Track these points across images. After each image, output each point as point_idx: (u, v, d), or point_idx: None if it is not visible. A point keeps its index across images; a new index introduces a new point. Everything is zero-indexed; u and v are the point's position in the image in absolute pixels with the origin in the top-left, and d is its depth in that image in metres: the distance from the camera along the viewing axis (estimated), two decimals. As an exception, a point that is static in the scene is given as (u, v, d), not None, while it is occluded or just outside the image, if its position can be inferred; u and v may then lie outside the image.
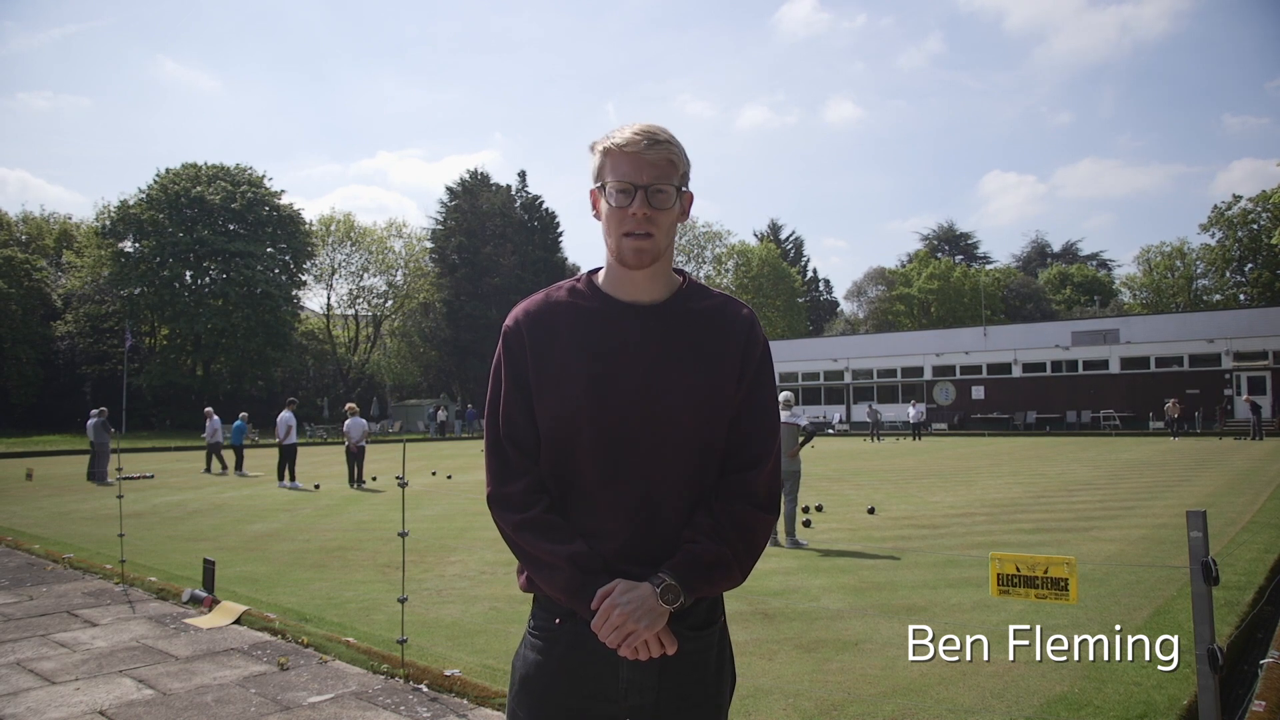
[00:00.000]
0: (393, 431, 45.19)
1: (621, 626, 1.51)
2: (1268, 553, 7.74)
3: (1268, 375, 35.50)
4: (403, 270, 58.34)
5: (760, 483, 1.63)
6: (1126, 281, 70.86)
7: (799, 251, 79.53)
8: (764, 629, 5.60)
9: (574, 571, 1.56)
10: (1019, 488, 14.41)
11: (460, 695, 4.40)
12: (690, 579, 1.55)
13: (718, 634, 1.68)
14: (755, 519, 1.62)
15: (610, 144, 1.63)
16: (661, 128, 1.64)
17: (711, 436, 1.63)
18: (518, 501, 1.63)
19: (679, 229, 1.73)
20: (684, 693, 1.61)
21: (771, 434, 1.68)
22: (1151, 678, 4.46)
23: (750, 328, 1.68)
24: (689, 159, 1.68)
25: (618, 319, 1.65)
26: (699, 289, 1.72)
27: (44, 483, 17.94)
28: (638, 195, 1.59)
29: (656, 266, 1.65)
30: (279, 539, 9.96)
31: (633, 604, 1.52)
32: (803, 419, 9.44)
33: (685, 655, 1.60)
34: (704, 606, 1.64)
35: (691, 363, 1.63)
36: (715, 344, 1.65)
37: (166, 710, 4.26)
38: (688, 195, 1.69)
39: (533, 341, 1.65)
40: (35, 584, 7.45)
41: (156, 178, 47.44)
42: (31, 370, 44.12)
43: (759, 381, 1.67)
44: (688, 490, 1.62)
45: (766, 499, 1.64)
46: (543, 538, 1.60)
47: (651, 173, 1.60)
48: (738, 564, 1.60)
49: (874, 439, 34.81)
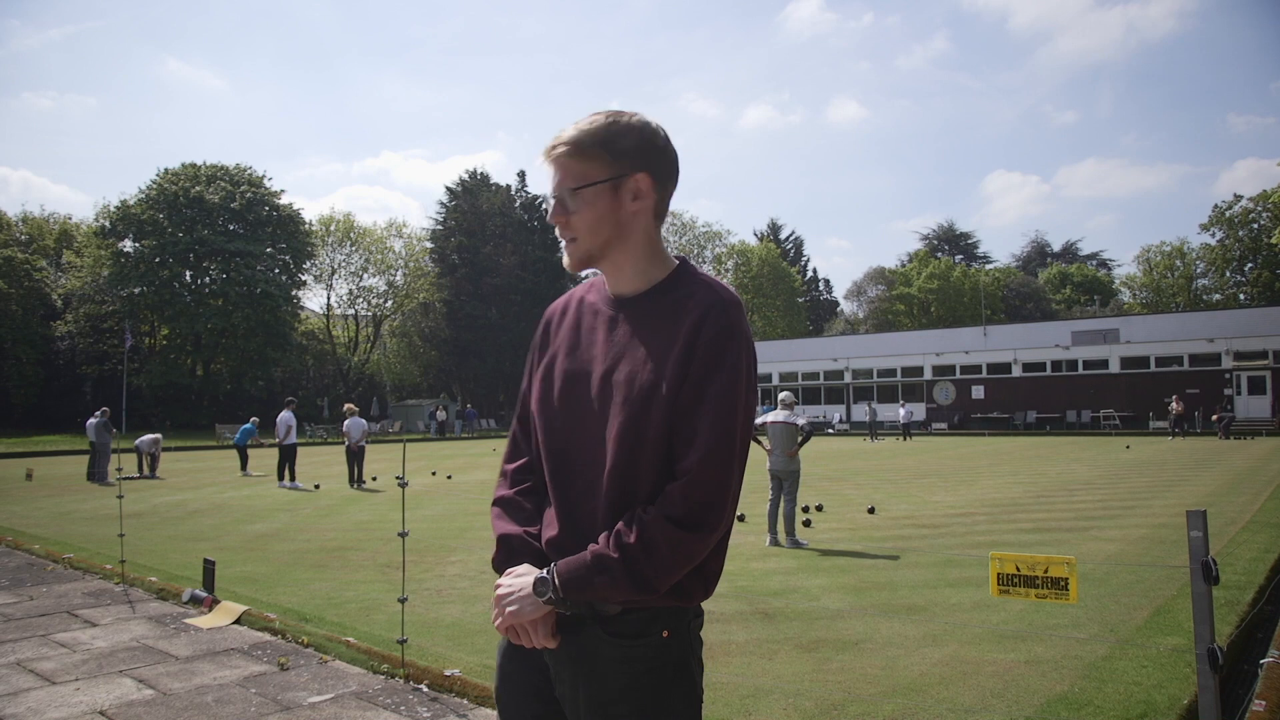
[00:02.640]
0: (393, 431, 45.17)
1: (496, 607, 1.56)
2: (1268, 552, 7.74)
3: (1268, 375, 35.51)
4: (402, 270, 58.36)
5: (678, 493, 1.47)
6: (1126, 281, 70.93)
7: (799, 251, 79.57)
8: (764, 629, 5.60)
9: (500, 550, 1.64)
10: (1019, 488, 14.41)
11: (460, 695, 4.39)
12: (568, 577, 1.50)
13: (653, 649, 1.55)
14: (661, 532, 1.46)
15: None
16: (574, 124, 1.58)
17: (640, 434, 1.51)
18: (507, 479, 1.72)
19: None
20: (609, 699, 1.54)
21: (706, 441, 1.47)
22: (1151, 677, 4.46)
23: (705, 313, 1.51)
24: (614, 138, 1.55)
25: (602, 314, 1.66)
26: (682, 279, 1.61)
27: (44, 483, 17.94)
28: (554, 205, 1.59)
29: (615, 260, 1.61)
30: (279, 539, 9.96)
31: (512, 587, 1.55)
32: (802, 419, 9.45)
33: (605, 659, 1.54)
34: (637, 617, 1.53)
35: (640, 355, 1.55)
36: (665, 333, 1.54)
37: (166, 710, 4.26)
38: (631, 180, 1.56)
39: (547, 334, 1.74)
40: (35, 584, 7.45)
41: (156, 177, 47.53)
42: (31, 370, 44.15)
43: (706, 377, 1.49)
44: (616, 488, 1.52)
45: (684, 512, 1.46)
46: (500, 516, 1.68)
47: (558, 178, 1.59)
48: (628, 574, 1.46)
49: (873, 439, 34.83)
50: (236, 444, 20.41)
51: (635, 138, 1.57)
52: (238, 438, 20.39)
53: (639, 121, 1.60)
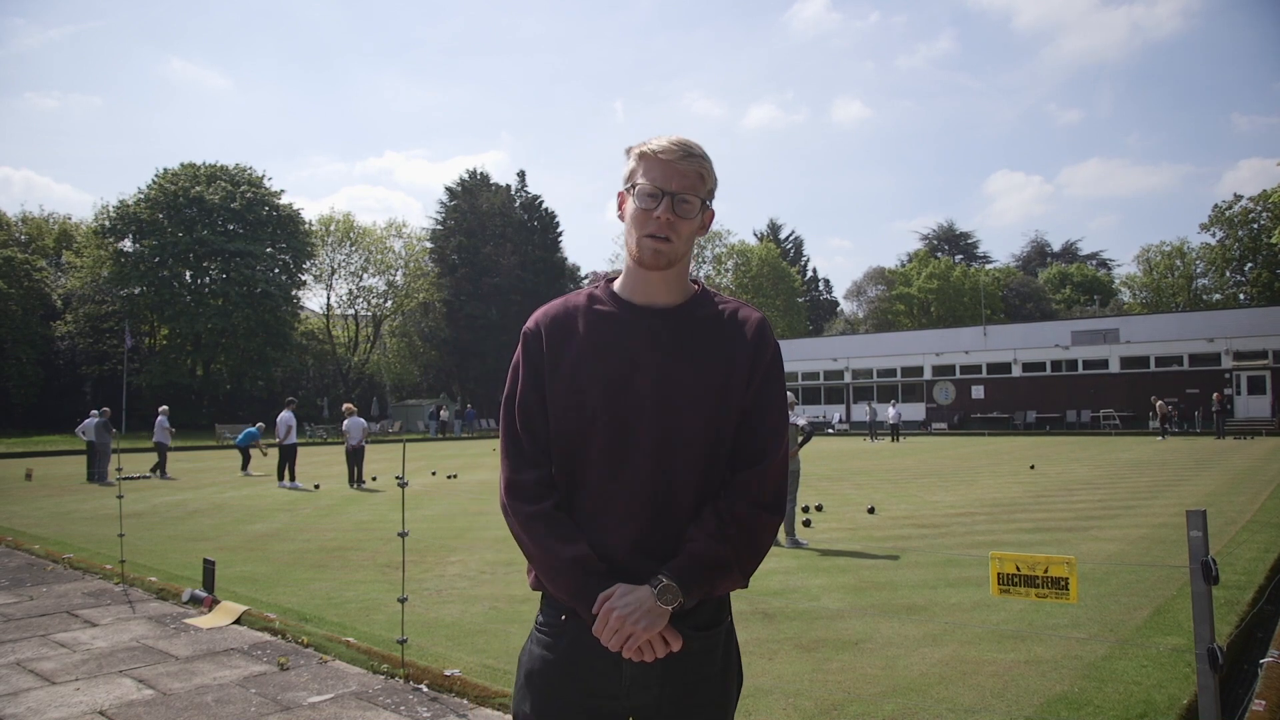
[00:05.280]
0: (393, 431, 45.17)
1: (620, 630, 1.53)
2: (1268, 552, 7.74)
3: (1268, 375, 35.51)
4: (402, 270, 58.33)
5: (765, 481, 1.64)
6: (1126, 281, 70.91)
7: (799, 251, 79.58)
8: (764, 629, 5.60)
9: (576, 573, 1.59)
10: (1019, 488, 14.41)
11: (460, 695, 4.39)
12: (689, 580, 1.56)
13: (724, 635, 1.68)
14: (758, 519, 1.62)
15: (646, 149, 1.68)
16: (696, 143, 1.69)
17: (719, 435, 1.65)
18: (530, 491, 1.66)
19: (697, 243, 1.77)
20: (687, 692, 1.62)
21: (778, 433, 1.68)
22: (1151, 677, 4.46)
23: (761, 330, 1.71)
24: (717, 178, 1.73)
25: (632, 322, 1.69)
26: (712, 295, 1.76)
27: (44, 483, 17.94)
28: (664, 200, 1.64)
29: (672, 272, 1.70)
30: (279, 539, 9.96)
31: (630, 606, 1.53)
32: (801, 419, 9.44)
33: (689, 655, 1.61)
34: (710, 606, 1.65)
35: (702, 364, 1.66)
36: (726, 345, 1.68)
37: (166, 710, 4.26)
38: (709, 212, 1.73)
39: (550, 342, 1.70)
40: (35, 584, 7.45)
41: (155, 178, 47.48)
42: (31, 370, 44.12)
43: (768, 381, 1.69)
44: (695, 488, 1.64)
45: (772, 498, 1.65)
46: (550, 534, 1.62)
47: (680, 181, 1.65)
48: (738, 565, 1.61)
49: (873, 439, 34.81)
50: (238, 444, 20.72)
51: (715, 176, 1.74)
52: (240, 439, 20.71)
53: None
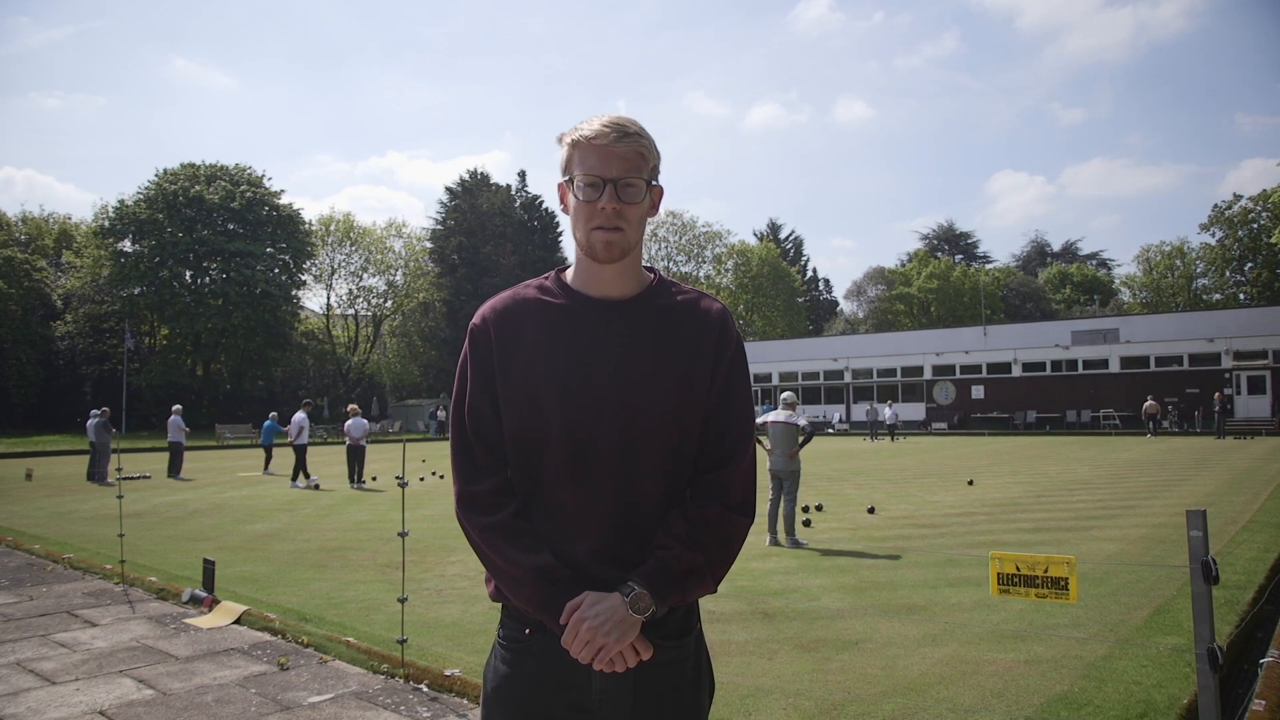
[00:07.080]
0: (393, 431, 45.18)
1: (591, 641, 1.45)
2: (1267, 552, 7.74)
3: (1267, 375, 35.51)
4: (402, 270, 58.35)
5: (734, 482, 1.57)
6: (1126, 281, 70.88)
7: (799, 251, 79.56)
8: (764, 629, 5.60)
9: (540, 583, 1.50)
10: (1019, 488, 14.41)
11: (460, 695, 4.40)
12: (661, 587, 1.48)
13: (694, 642, 1.61)
14: (730, 522, 1.55)
15: (578, 136, 1.56)
16: (631, 119, 1.57)
17: (684, 434, 1.57)
18: (485, 502, 1.57)
19: (650, 223, 1.67)
20: (659, 703, 1.55)
21: (744, 433, 1.61)
22: (1151, 677, 4.46)
23: (723, 323, 1.62)
24: (659, 152, 1.62)
25: (586, 315, 1.59)
26: (669, 285, 1.66)
27: (44, 483, 17.94)
28: (606, 189, 1.53)
29: (626, 261, 1.59)
30: (279, 539, 9.96)
31: (601, 616, 1.45)
32: (802, 419, 9.44)
33: (660, 665, 1.54)
34: (679, 615, 1.58)
35: (662, 359, 1.57)
36: (686, 340, 1.59)
37: (166, 710, 4.26)
38: (657, 189, 1.63)
39: (499, 339, 1.59)
40: (35, 584, 7.45)
41: (155, 177, 47.48)
42: (31, 370, 44.13)
43: (732, 378, 1.61)
44: (662, 490, 1.56)
45: (741, 500, 1.58)
46: (510, 544, 1.53)
47: (621, 166, 1.53)
48: (710, 571, 1.54)
49: (873, 439, 34.81)
50: (263, 444, 21.11)
51: (657, 151, 1.62)
52: (264, 438, 21.05)
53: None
